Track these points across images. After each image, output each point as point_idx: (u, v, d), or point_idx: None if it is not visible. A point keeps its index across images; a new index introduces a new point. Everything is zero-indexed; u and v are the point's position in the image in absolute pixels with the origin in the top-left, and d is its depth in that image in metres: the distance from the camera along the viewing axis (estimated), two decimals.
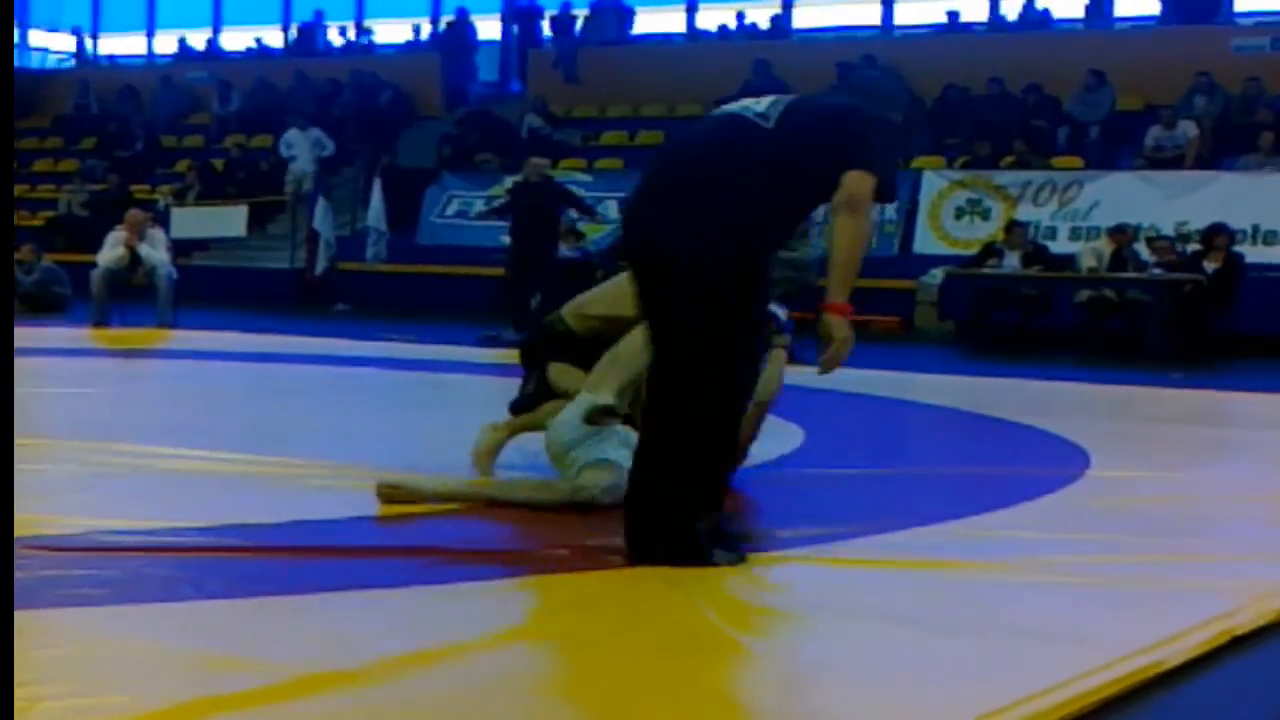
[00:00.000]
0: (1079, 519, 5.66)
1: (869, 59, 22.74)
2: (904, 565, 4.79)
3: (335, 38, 29.54)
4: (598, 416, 5.61)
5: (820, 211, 19.11)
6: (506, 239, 16.65)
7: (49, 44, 33.63)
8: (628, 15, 26.67)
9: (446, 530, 5.20)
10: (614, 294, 6.36)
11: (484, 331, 15.30)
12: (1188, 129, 19.20)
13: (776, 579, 4.62)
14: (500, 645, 3.74)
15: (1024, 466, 7.08)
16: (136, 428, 7.51)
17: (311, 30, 29.31)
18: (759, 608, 4.30)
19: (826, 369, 4.87)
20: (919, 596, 4.41)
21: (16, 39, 32.48)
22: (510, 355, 13.48)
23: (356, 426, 8.22)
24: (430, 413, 9.20)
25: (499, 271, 17.18)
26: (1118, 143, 20.19)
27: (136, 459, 6.43)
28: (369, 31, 29.53)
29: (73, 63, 33.07)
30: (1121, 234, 16.24)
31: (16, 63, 31.57)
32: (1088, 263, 16.22)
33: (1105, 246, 16.34)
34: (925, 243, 18.93)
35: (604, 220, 20.37)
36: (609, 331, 6.21)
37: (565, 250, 17.39)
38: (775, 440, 7.37)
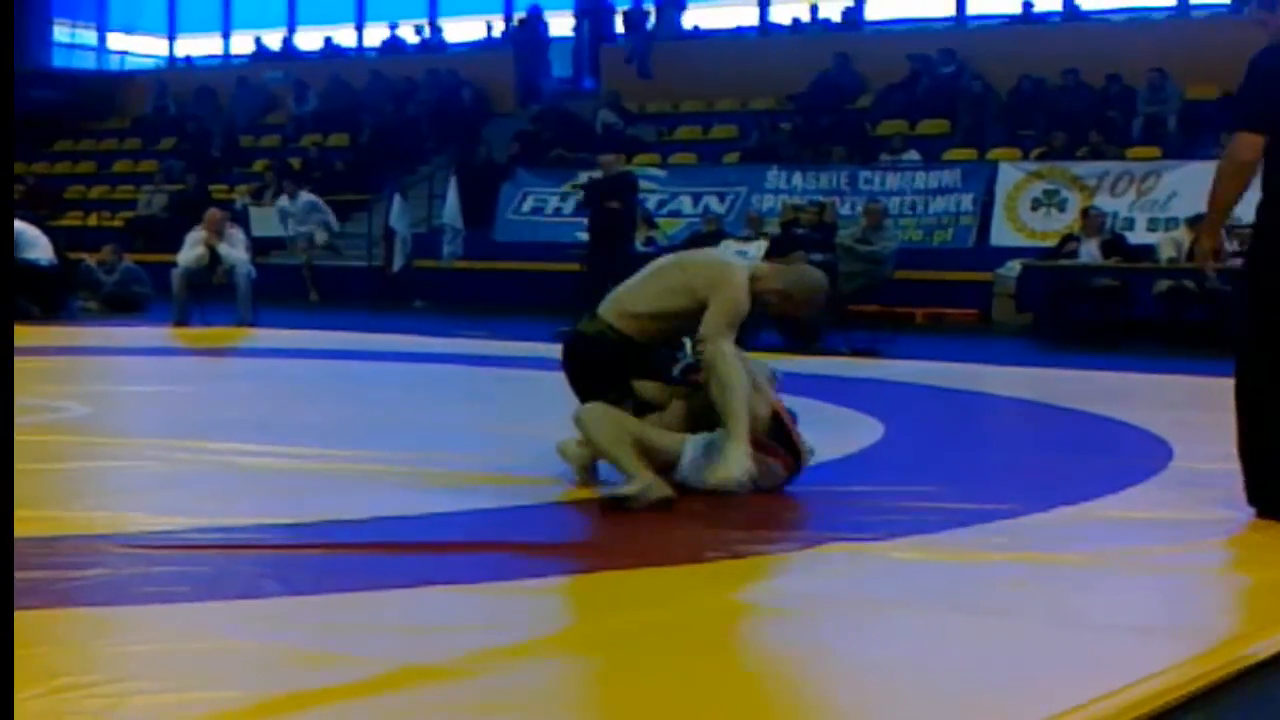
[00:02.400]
0: (1165, 510, 5.61)
1: (947, 52, 22.69)
2: (989, 558, 4.77)
3: (409, 35, 29.62)
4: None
5: (895, 203, 19.00)
6: (583, 235, 16.67)
7: (128, 47, 33.94)
8: (680, 7, 26.69)
9: (531, 524, 5.22)
10: (654, 287, 6.15)
11: (559, 327, 15.32)
12: None
13: (856, 572, 4.61)
14: (586, 639, 3.75)
15: (1107, 458, 7.03)
16: (219, 425, 7.57)
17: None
18: (838, 601, 4.28)
19: None
20: (1005, 590, 4.39)
21: (95, 42, 32.97)
22: None
23: (435, 422, 8.25)
24: (507, 408, 9.24)
25: (575, 267, 17.20)
26: (1195, 132, 19.99)
27: (220, 456, 6.49)
28: (440, 30, 29.62)
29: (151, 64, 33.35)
30: (1200, 224, 16.06)
31: (96, 65, 32.05)
32: (1167, 253, 16.08)
33: (1184, 236, 16.18)
34: (1002, 235, 18.82)
35: (679, 214, 20.40)
36: (662, 329, 6.13)
37: (640, 245, 17.40)
38: (854, 434, 7.35)
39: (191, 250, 16.07)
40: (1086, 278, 16.21)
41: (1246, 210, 17.60)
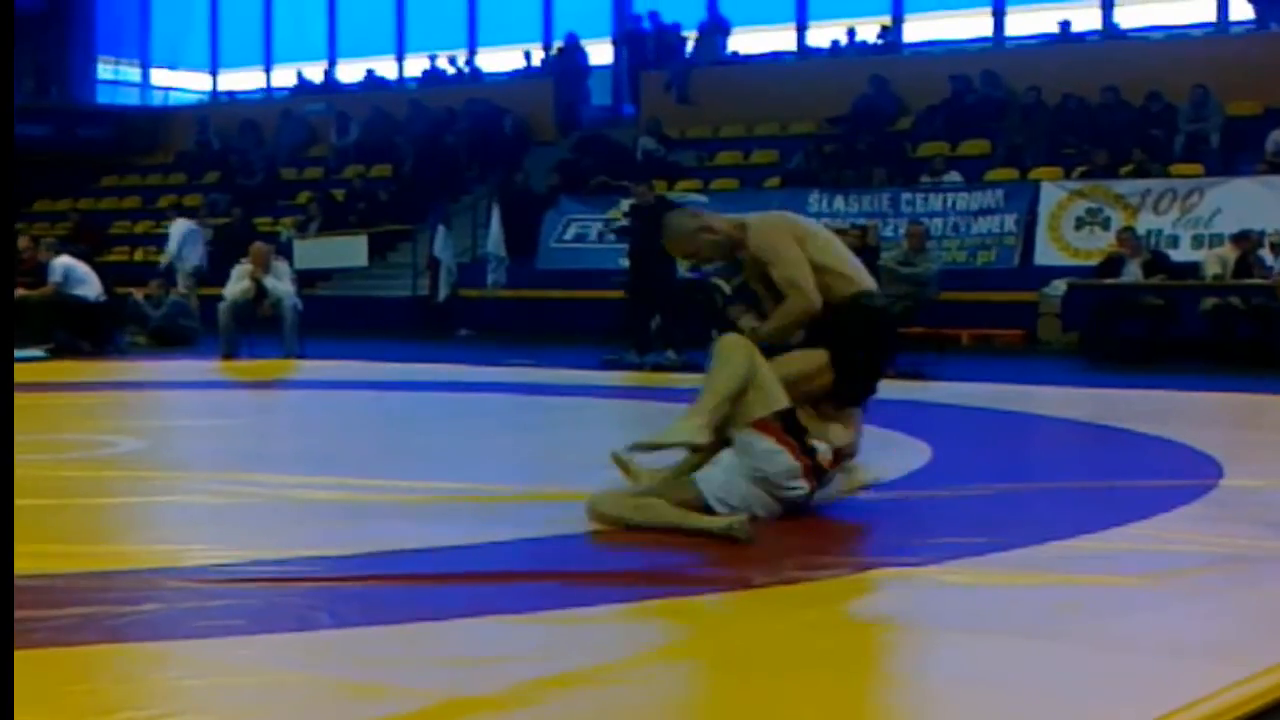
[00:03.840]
0: (1215, 531, 5.58)
1: (989, 73, 22.67)
2: (1038, 581, 4.76)
3: (446, 66, 29.73)
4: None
5: (937, 224, 19.05)
6: (625, 262, 16.70)
7: (171, 82, 34.21)
8: (725, 32, 26.76)
9: (580, 554, 5.24)
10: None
11: (605, 355, 15.36)
12: None
13: (905, 596, 4.61)
14: (638, 668, 3.76)
15: (1156, 478, 6.99)
16: (269, 458, 7.62)
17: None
18: (890, 625, 4.29)
19: None
20: (1054, 612, 4.38)
21: (139, 78, 33.26)
22: (632, 378, 13.60)
23: (482, 452, 8.29)
24: (555, 435, 9.25)
25: (618, 294, 17.23)
26: (1237, 148, 19.92)
27: (270, 489, 6.52)
28: (473, 60, 29.76)
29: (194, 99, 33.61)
30: (1245, 240, 16.01)
31: (140, 101, 32.35)
32: (1212, 270, 16.00)
33: (1229, 253, 16.11)
34: (1046, 254, 18.77)
35: None
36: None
37: (683, 271, 17.40)
38: (903, 457, 7.35)
39: (238, 283, 16.18)
40: (1132, 296, 16.14)
41: None
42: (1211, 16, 23.76)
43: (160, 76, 34.17)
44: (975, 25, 25.62)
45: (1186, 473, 7.09)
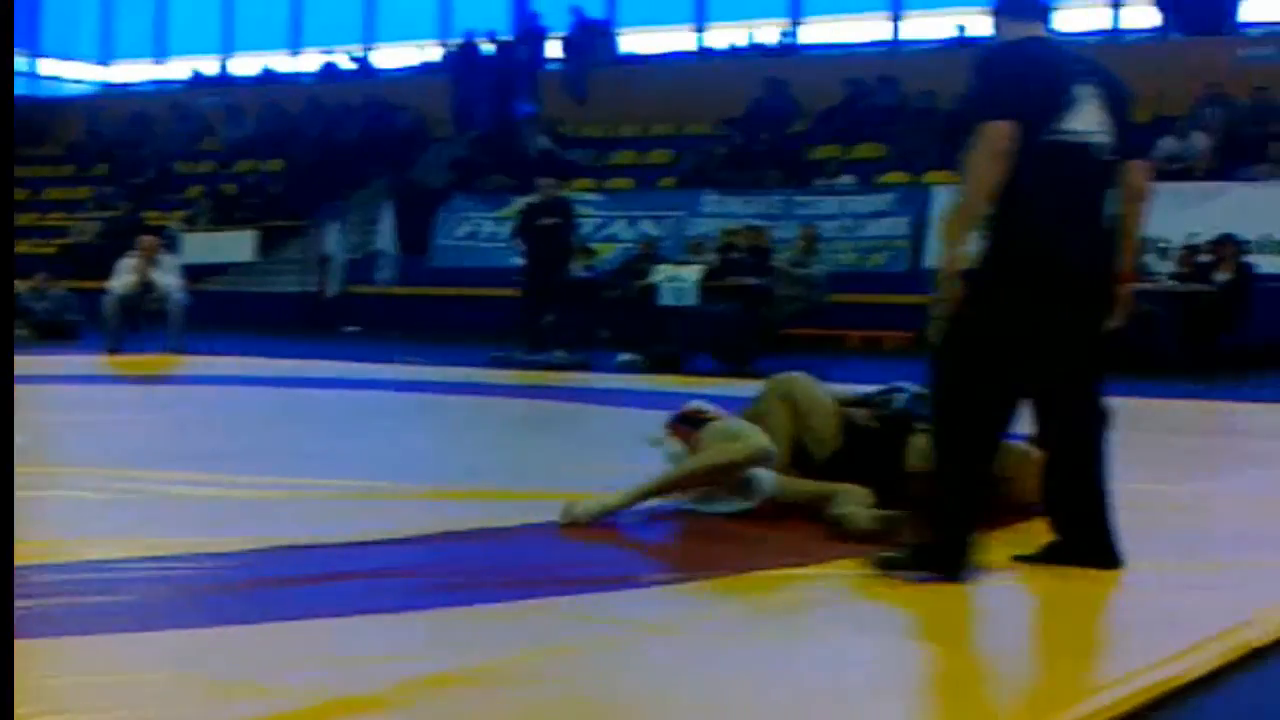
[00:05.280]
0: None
1: (886, 79, 22.80)
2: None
3: (343, 62, 29.55)
4: None
5: (830, 226, 18.87)
6: (520, 260, 16.68)
7: (61, 72, 33.77)
8: (610, 32, 26.88)
9: (461, 553, 5.20)
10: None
11: (494, 353, 15.32)
12: (1198, 140, 19.16)
13: (814, 595, 4.62)
14: (518, 667, 3.73)
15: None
16: (151, 454, 7.52)
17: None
18: (809, 621, 4.29)
19: None
20: (932, 616, 4.40)
21: (28, 68, 32.79)
22: (520, 376, 13.57)
23: (368, 449, 8.22)
24: (441, 433, 9.20)
25: (510, 292, 17.21)
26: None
27: (151, 485, 6.43)
28: (367, 57, 29.60)
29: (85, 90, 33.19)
30: None
31: (28, 91, 31.84)
32: None
33: None
34: (936, 257, 18.90)
35: (615, 239, 20.42)
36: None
37: (581, 270, 17.41)
38: None
39: (125, 277, 15.99)
40: None
41: (1176, 231, 17.58)
42: (1108, 24, 24.05)
43: (49, 66, 33.72)
44: (873, 29, 25.80)
45: None
